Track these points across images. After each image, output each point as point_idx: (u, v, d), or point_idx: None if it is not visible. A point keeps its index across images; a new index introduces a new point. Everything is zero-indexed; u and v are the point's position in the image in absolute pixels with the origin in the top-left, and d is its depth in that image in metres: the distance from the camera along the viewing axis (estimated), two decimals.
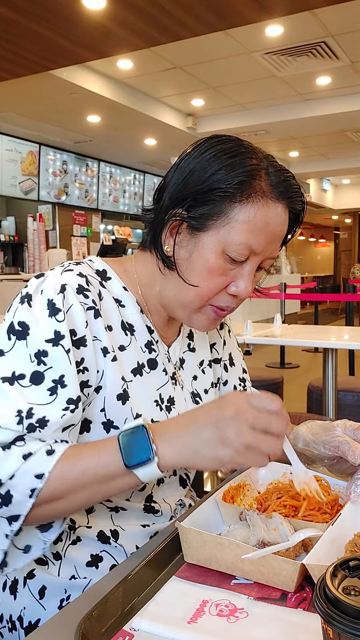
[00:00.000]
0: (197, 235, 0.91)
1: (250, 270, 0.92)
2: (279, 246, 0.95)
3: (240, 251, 0.89)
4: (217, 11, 4.00)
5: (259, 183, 0.89)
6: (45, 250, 8.76)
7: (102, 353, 0.91)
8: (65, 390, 0.84)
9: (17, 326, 0.86)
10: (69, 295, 0.89)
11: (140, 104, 6.98)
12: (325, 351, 3.51)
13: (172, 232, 0.93)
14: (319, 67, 6.18)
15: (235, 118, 7.88)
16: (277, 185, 0.90)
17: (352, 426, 0.97)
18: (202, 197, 0.89)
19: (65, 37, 4.47)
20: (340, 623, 0.49)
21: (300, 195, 0.94)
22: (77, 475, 0.78)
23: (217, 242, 0.90)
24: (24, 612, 0.94)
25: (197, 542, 0.78)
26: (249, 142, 0.93)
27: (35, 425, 0.80)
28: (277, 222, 0.91)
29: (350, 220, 20.31)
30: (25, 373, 0.83)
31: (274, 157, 0.94)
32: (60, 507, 0.79)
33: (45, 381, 0.83)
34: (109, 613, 0.68)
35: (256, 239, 0.89)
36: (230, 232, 0.89)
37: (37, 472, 0.76)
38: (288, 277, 10.63)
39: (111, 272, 1.00)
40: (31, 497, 0.75)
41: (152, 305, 1.02)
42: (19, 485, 0.75)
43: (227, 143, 0.91)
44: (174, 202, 0.91)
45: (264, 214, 0.89)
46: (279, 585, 0.73)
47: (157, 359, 1.01)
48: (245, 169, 0.88)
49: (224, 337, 1.20)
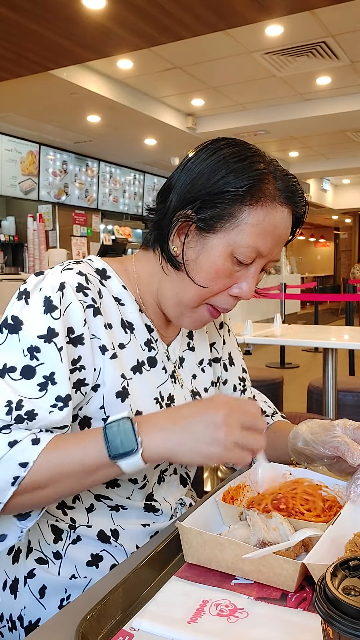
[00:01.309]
0: (206, 237, 0.92)
1: (254, 272, 0.94)
2: (282, 249, 0.97)
3: (248, 254, 0.91)
4: (217, 11, 4.00)
5: (268, 187, 0.90)
6: (45, 250, 8.76)
7: (100, 351, 0.92)
8: (55, 387, 0.84)
9: (10, 320, 0.86)
10: (67, 293, 0.89)
11: (140, 104, 6.98)
12: (325, 351, 3.51)
13: (180, 233, 0.93)
14: (319, 67, 6.18)
15: (235, 118, 7.87)
16: (284, 190, 0.92)
17: (352, 426, 0.97)
18: (212, 200, 0.90)
19: (65, 37, 4.47)
20: (340, 623, 0.49)
21: (304, 200, 0.97)
22: (62, 465, 0.78)
23: (225, 244, 0.91)
24: (24, 612, 0.94)
25: (197, 542, 0.78)
26: (255, 146, 0.95)
27: (24, 417, 0.80)
28: (284, 225, 0.93)
29: (350, 220, 20.31)
30: (17, 366, 0.83)
31: (277, 161, 0.97)
32: (42, 496, 0.79)
33: (36, 376, 0.83)
34: (109, 613, 0.68)
35: (264, 242, 0.91)
36: (239, 235, 0.90)
37: (21, 460, 0.76)
38: (288, 277, 10.63)
39: (111, 271, 1.00)
40: (13, 485, 0.75)
41: (150, 304, 1.02)
42: (2, 472, 0.75)
43: (235, 147, 0.93)
44: (182, 204, 0.92)
45: (272, 217, 0.91)
46: (280, 585, 0.73)
47: (157, 357, 1.02)
48: (255, 172, 0.89)
49: (223, 337, 1.21)
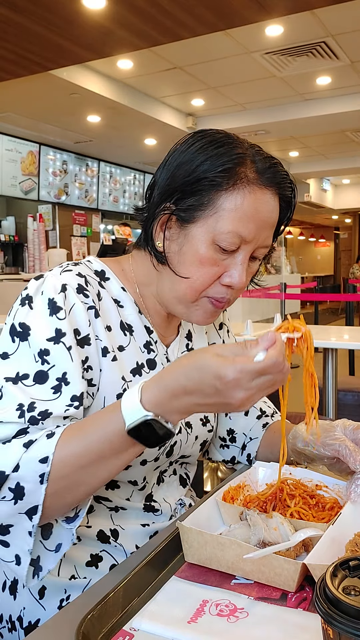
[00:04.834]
0: (187, 228, 0.91)
1: (242, 259, 0.91)
2: (271, 234, 0.94)
3: (230, 240, 0.88)
4: (217, 11, 4.00)
5: (245, 170, 0.88)
6: (45, 250, 8.75)
7: (102, 353, 0.92)
8: (69, 387, 0.84)
9: (18, 327, 0.86)
10: (70, 294, 0.89)
11: (140, 104, 6.98)
12: (325, 351, 3.51)
13: (162, 226, 0.93)
14: (319, 67, 6.18)
15: (235, 118, 7.88)
16: (263, 171, 0.89)
17: (351, 426, 0.97)
18: (189, 189, 0.89)
19: (65, 37, 4.47)
20: (340, 623, 0.49)
21: (290, 181, 0.94)
22: (83, 451, 0.76)
23: (206, 233, 0.89)
24: (23, 612, 0.94)
25: (198, 542, 0.78)
26: (236, 134, 0.93)
27: (38, 418, 0.80)
28: (267, 208, 0.90)
29: (350, 220, 20.31)
30: (29, 373, 0.83)
31: (260, 147, 0.94)
32: (78, 485, 0.77)
33: (50, 380, 0.83)
34: (109, 613, 0.68)
35: (245, 227, 0.88)
36: (218, 221, 0.88)
37: (40, 456, 0.75)
38: (288, 277, 10.63)
39: (110, 273, 1.00)
40: (42, 482, 0.74)
41: (151, 304, 1.02)
42: (26, 474, 0.74)
43: (214, 135, 0.91)
44: (162, 197, 0.92)
45: (252, 200, 0.88)
46: (280, 585, 0.73)
47: (156, 359, 1.01)
48: (231, 157, 0.88)
49: (223, 337, 1.21)
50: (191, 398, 0.73)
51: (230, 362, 0.69)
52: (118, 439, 0.75)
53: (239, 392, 0.70)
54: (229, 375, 0.69)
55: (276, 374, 0.71)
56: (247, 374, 0.69)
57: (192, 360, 0.72)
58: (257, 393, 0.71)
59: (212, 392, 0.71)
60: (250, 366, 0.69)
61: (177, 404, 0.74)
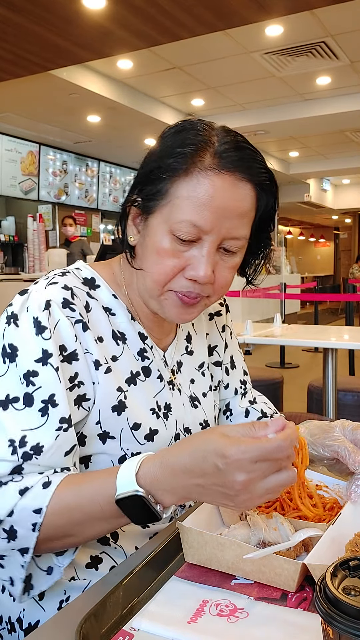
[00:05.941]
0: (148, 219, 0.89)
1: (207, 252, 0.85)
2: (241, 224, 0.87)
3: (185, 229, 0.84)
4: (217, 11, 4.00)
5: (202, 155, 0.83)
6: (45, 250, 8.75)
7: (94, 366, 0.90)
8: (56, 409, 0.83)
9: (8, 349, 0.85)
10: (54, 311, 0.87)
11: (140, 104, 6.98)
12: (325, 351, 3.51)
13: (134, 221, 0.92)
14: (318, 67, 6.18)
15: (235, 118, 7.88)
16: (223, 155, 0.83)
17: (350, 426, 0.97)
18: (147, 178, 0.87)
19: (65, 38, 4.48)
20: (340, 623, 0.49)
21: (261, 164, 0.87)
22: (75, 506, 0.77)
23: (163, 223, 0.86)
24: (23, 614, 0.93)
25: (198, 542, 0.78)
26: (207, 121, 0.88)
27: (30, 453, 0.80)
28: (226, 196, 0.83)
29: (350, 220, 20.32)
30: (19, 395, 0.83)
31: (234, 132, 0.88)
32: (69, 537, 0.79)
33: (35, 402, 0.82)
34: (109, 613, 0.68)
35: (200, 215, 0.83)
36: (172, 210, 0.84)
37: (35, 507, 0.76)
38: (288, 277, 10.62)
39: (100, 280, 0.98)
40: (34, 531, 0.76)
41: (139, 306, 0.99)
42: (20, 520, 0.76)
43: (181, 124, 0.88)
44: (130, 191, 0.91)
45: (207, 187, 0.82)
46: (280, 585, 0.73)
47: (151, 365, 0.99)
48: (188, 142, 0.84)
49: (225, 340, 1.19)
50: (190, 477, 0.71)
51: (235, 442, 0.68)
52: (107, 506, 0.76)
53: (240, 474, 0.68)
54: (232, 454, 0.67)
55: (280, 460, 0.69)
56: (250, 454, 0.67)
57: (200, 440, 0.72)
58: (259, 480, 0.69)
59: (213, 471, 0.69)
60: (253, 447, 0.67)
61: (174, 482, 0.73)
